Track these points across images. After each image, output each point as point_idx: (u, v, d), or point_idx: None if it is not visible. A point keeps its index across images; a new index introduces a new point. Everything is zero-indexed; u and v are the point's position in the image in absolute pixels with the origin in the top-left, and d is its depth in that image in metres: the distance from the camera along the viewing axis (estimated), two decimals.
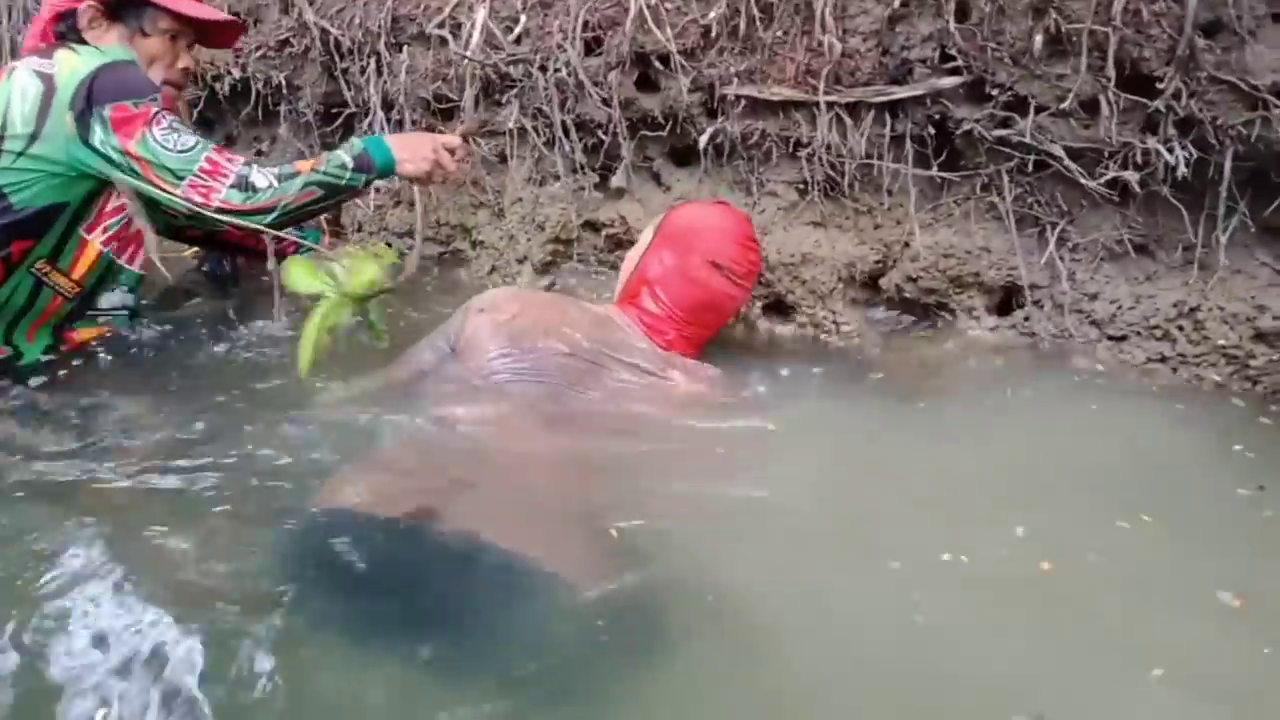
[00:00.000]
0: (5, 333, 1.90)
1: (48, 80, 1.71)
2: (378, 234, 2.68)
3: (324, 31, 2.62)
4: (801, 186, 2.23)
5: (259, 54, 2.79)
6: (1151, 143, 1.84)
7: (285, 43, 2.75)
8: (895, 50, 2.02)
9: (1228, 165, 1.79)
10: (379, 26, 2.54)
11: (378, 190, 2.68)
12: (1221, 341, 1.91)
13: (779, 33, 2.13)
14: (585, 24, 2.27)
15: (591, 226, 2.48)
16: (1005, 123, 1.97)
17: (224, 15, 2.05)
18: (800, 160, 2.19)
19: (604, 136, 2.36)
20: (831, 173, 2.17)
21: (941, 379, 2.09)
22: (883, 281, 2.20)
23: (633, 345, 1.88)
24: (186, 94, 2.93)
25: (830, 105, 2.08)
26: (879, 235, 2.20)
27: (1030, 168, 1.98)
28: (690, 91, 2.24)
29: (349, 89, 2.65)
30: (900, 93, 2.02)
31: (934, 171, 2.07)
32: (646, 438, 1.75)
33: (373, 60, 2.57)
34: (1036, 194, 2.03)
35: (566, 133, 2.37)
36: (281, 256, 2.47)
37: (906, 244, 2.15)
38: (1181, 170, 1.80)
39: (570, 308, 1.89)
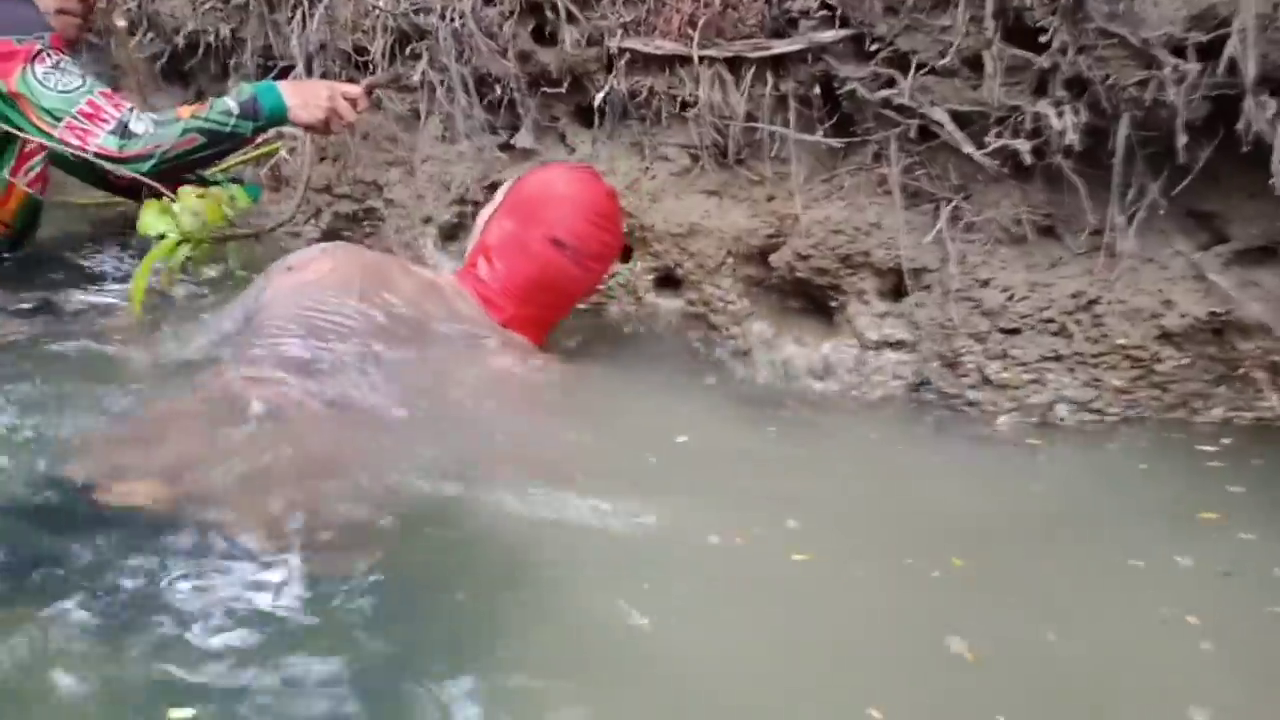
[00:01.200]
0: None
1: None
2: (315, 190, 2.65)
3: None
4: (693, 151, 2.06)
5: (206, 6, 2.80)
6: (1042, 106, 1.59)
7: None
8: (777, 1, 1.82)
9: (1122, 134, 1.53)
10: None
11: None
12: (1122, 340, 1.65)
13: None
14: None
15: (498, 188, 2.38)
16: (890, 82, 1.75)
17: None
18: (689, 122, 2.02)
19: (505, 93, 2.25)
20: (717, 136, 1.99)
21: (804, 382, 1.91)
22: (773, 258, 2.01)
23: (461, 315, 1.75)
24: (142, 48, 2.98)
25: (709, 60, 1.91)
26: (771, 208, 2.02)
27: (916, 135, 1.76)
28: (586, 45, 2.10)
29: (279, 41, 2.62)
30: (779, 47, 1.83)
31: (818, 137, 1.87)
32: (435, 424, 1.59)
33: (298, 11, 2.53)
34: (928, 165, 1.80)
35: (466, 88, 2.27)
36: None
37: (797, 218, 1.96)
38: (1070, 138, 1.56)
39: (394, 270, 1.76)
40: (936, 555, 1.23)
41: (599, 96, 2.11)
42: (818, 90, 1.86)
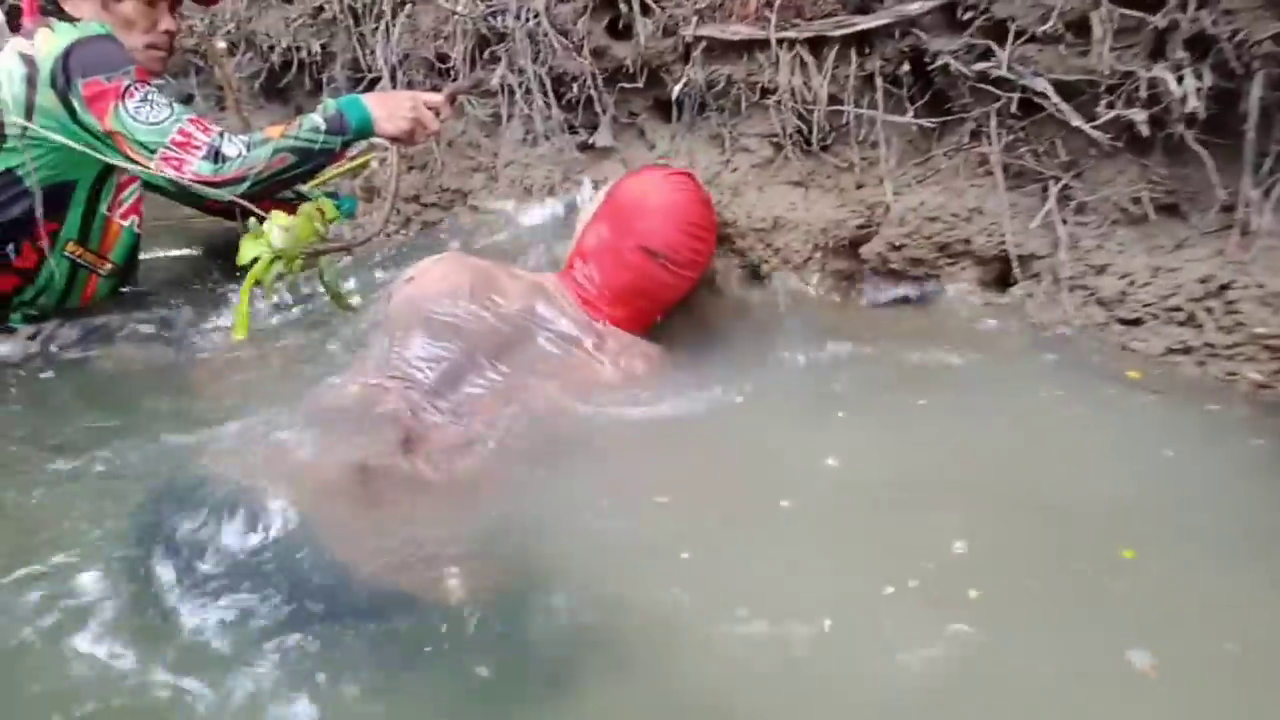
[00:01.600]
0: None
1: (29, 62, 1.78)
2: (404, 200, 2.68)
3: None
4: (776, 140, 1.96)
5: (299, 22, 2.86)
6: (1159, 71, 1.43)
7: (320, 9, 2.80)
8: None
9: (1255, 96, 1.36)
10: None
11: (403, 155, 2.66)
12: (1260, 329, 1.47)
13: None
14: None
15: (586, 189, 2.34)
16: (986, 54, 1.61)
17: None
18: (770, 110, 1.92)
19: (582, 91, 2.20)
20: (800, 123, 1.89)
21: (921, 366, 1.77)
22: (864, 250, 1.89)
23: (563, 315, 1.73)
24: (241, 68, 3.08)
25: (789, 43, 1.80)
26: (860, 196, 1.90)
27: (1019, 109, 1.61)
28: (662, 36, 2.03)
29: (365, 53, 2.66)
30: (864, 23, 1.71)
31: (909, 118, 1.74)
32: (558, 435, 1.58)
33: (381, 22, 2.56)
34: (1033, 142, 1.65)
35: (544, 88, 2.23)
36: None
37: (889, 206, 1.84)
38: (1194, 104, 1.39)
39: (501, 274, 1.76)
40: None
41: (676, 89, 2.04)
42: (907, 67, 1.73)
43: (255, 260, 1.90)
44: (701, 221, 1.77)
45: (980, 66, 1.60)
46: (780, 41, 1.81)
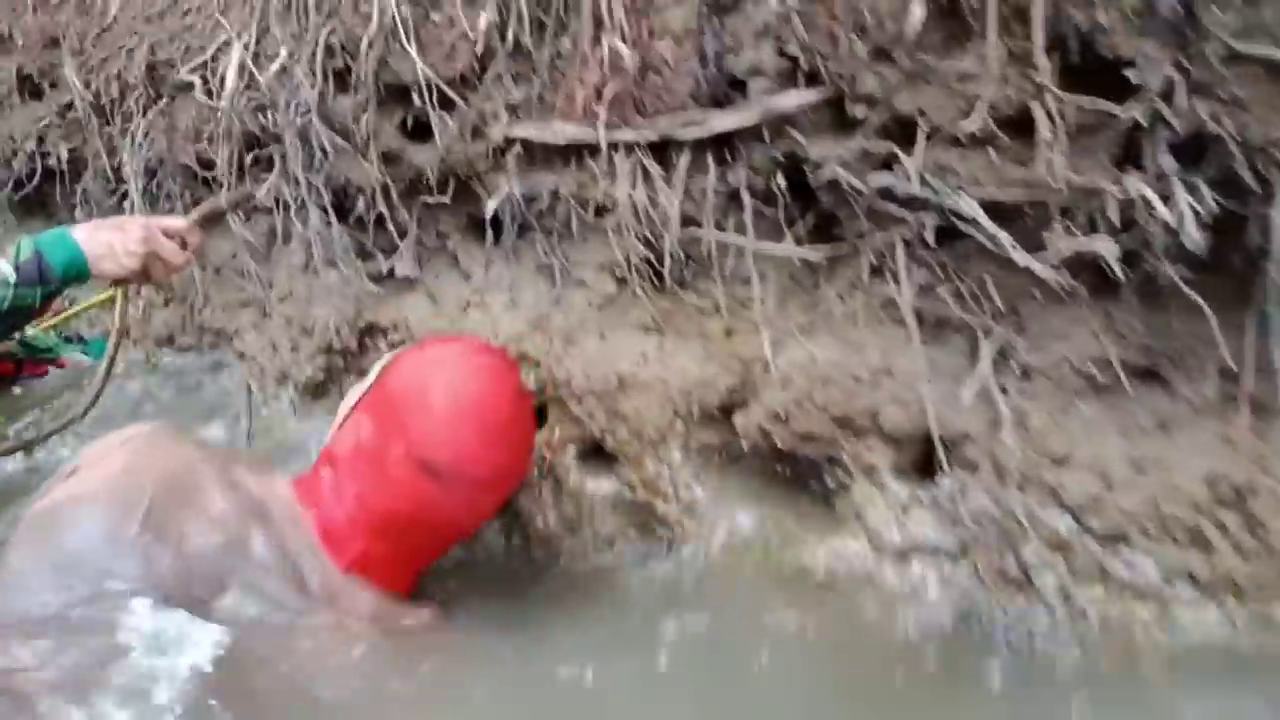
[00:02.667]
0: None
1: None
2: (141, 341, 2.07)
3: (87, 85, 2.08)
4: (619, 273, 1.46)
5: (44, 122, 2.28)
6: (1134, 183, 0.99)
7: (69, 106, 2.24)
8: (713, 56, 1.25)
9: (1278, 221, 0.92)
10: (135, 77, 1.98)
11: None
12: None
13: (566, 43, 1.41)
14: (329, 48, 1.62)
15: (378, 331, 1.78)
16: (888, 162, 1.16)
17: None
18: (608, 233, 1.43)
19: (373, 207, 1.68)
20: (648, 251, 1.39)
21: (807, 612, 1.27)
22: (739, 420, 1.39)
23: (290, 559, 1.14)
24: None
25: (626, 148, 1.33)
26: (731, 347, 1.41)
27: (935, 237, 1.16)
28: (470, 138, 1.53)
29: (113, 160, 2.09)
30: (721, 121, 1.25)
31: (788, 246, 1.27)
32: None
33: (132, 121, 2.00)
34: (957, 279, 1.19)
35: (322, 203, 1.70)
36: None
37: (768, 363, 1.34)
38: (1192, 234, 0.95)
39: (209, 481, 1.16)
40: None
41: (490, 204, 1.53)
42: (782, 180, 1.26)
43: None
44: (508, 424, 1.25)
45: (880, 180, 1.15)
46: (614, 145, 1.34)
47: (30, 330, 1.99)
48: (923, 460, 1.28)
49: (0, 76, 2.41)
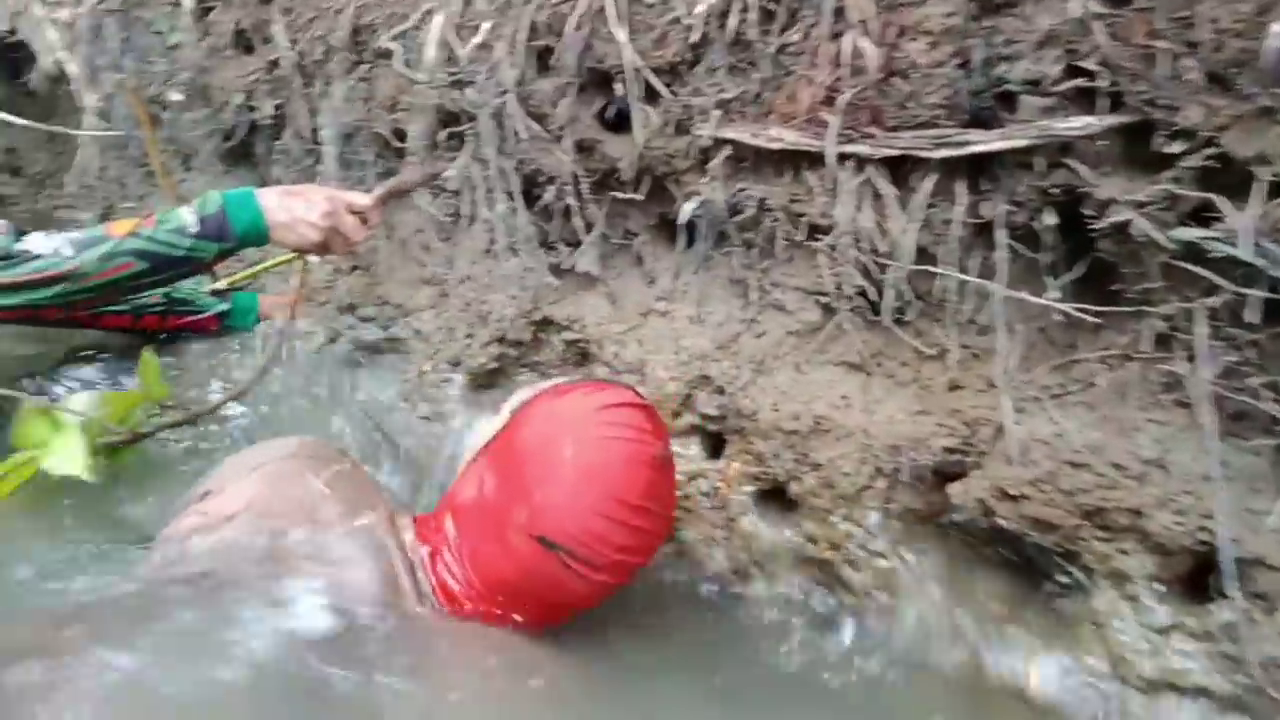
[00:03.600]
0: None
1: None
2: (323, 306, 2.07)
3: (293, 44, 2.07)
4: (826, 300, 1.28)
5: (253, 77, 2.31)
6: None
7: (275, 63, 2.25)
8: (980, 64, 1.03)
9: None
10: (339, 40, 1.94)
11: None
12: None
13: (795, 36, 1.22)
14: (533, 26, 1.50)
15: (553, 327, 1.68)
16: (1202, 213, 0.91)
17: None
18: (820, 256, 1.25)
19: (561, 197, 1.56)
20: (864, 282, 1.20)
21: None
22: (955, 490, 1.18)
23: (402, 606, 1.06)
24: (193, 123, 2.55)
25: (857, 162, 1.13)
26: (954, 402, 1.20)
27: (1262, 311, 0.91)
28: (673, 133, 1.38)
29: (311, 118, 2.08)
30: (984, 142, 1.03)
31: (1050, 300, 1.05)
32: None
33: (331, 85, 1.98)
34: (1273, 370, 0.94)
35: (509, 189, 1.60)
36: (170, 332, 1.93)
37: (1001, 429, 1.13)
38: None
39: (333, 520, 1.08)
40: None
41: (686, 209, 1.38)
42: (1053, 219, 1.03)
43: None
44: (643, 501, 1.08)
45: (1189, 234, 0.90)
46: (844, 158, 1.14)
47: (186, 285, 2.00)
48: (1193, 577, 1.03)
49: (219, 29, 2.45)
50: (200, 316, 1.91)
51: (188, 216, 1.45)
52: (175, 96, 2.64)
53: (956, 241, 1.10)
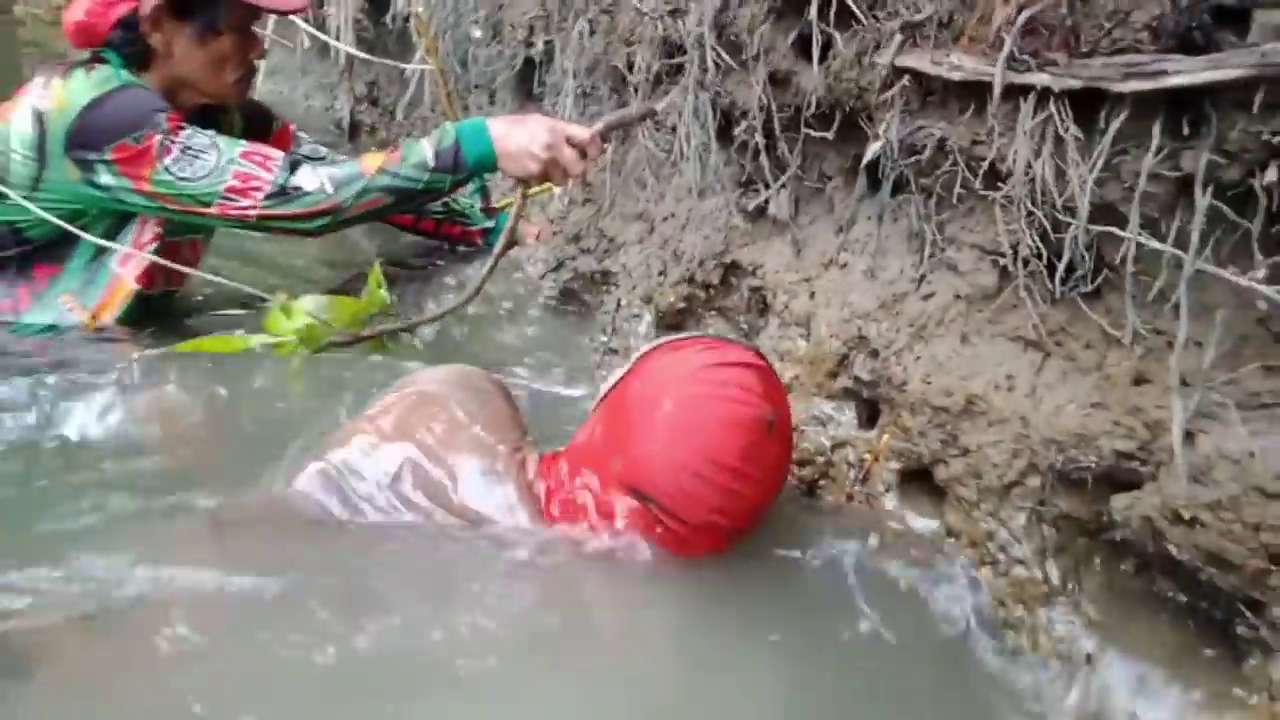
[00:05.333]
0: None
1: (40, 121, 1.52)
2: (556, 235, 2.17)
3: None
4: (1003, 261, 1.11)
5: (531, 15, 2.46)
6: None
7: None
8: None
9: None
10: None
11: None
12: None
13: None
14: None
15: (740, 271, 1.63)
16: None
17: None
18: (996, 207, 1.08)
19: (753, 134, 1.50)
20: (1043, 245, 1.02)
21: None
22: (1119, 504, 0.98)
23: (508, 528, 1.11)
24: (489, 58, 2.77)
25: (1038, 95, 0.95)
26: (1136, 399, 0.99)
27: None
28: (866, 64, 1.26)
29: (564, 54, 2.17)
30: (1188, 71, 0.82)
31: (1251, 280, 0.82)
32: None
33: (579, 20, 2.05)
34: None
35: (703, 123, 1.56)
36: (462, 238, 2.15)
37: (1190, 436, 0.92)
38: None
39: (466, 450, 1.14)
40: None
41: (870, 149, 1.25)
42: (1274, 175, 0.80)
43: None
44: (739, 462, 1.02)
45: None
46: (1024, 91, 0.97)
47: (464, 199, 2.18)
48: None
49: None
50: (471, 229, 2.12)
51: (427, 150, 1.58)
52: (476, 33, 2.88)
53: (1149, 199, 0.89)
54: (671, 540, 1.05)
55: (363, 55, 3.29)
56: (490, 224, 2.10)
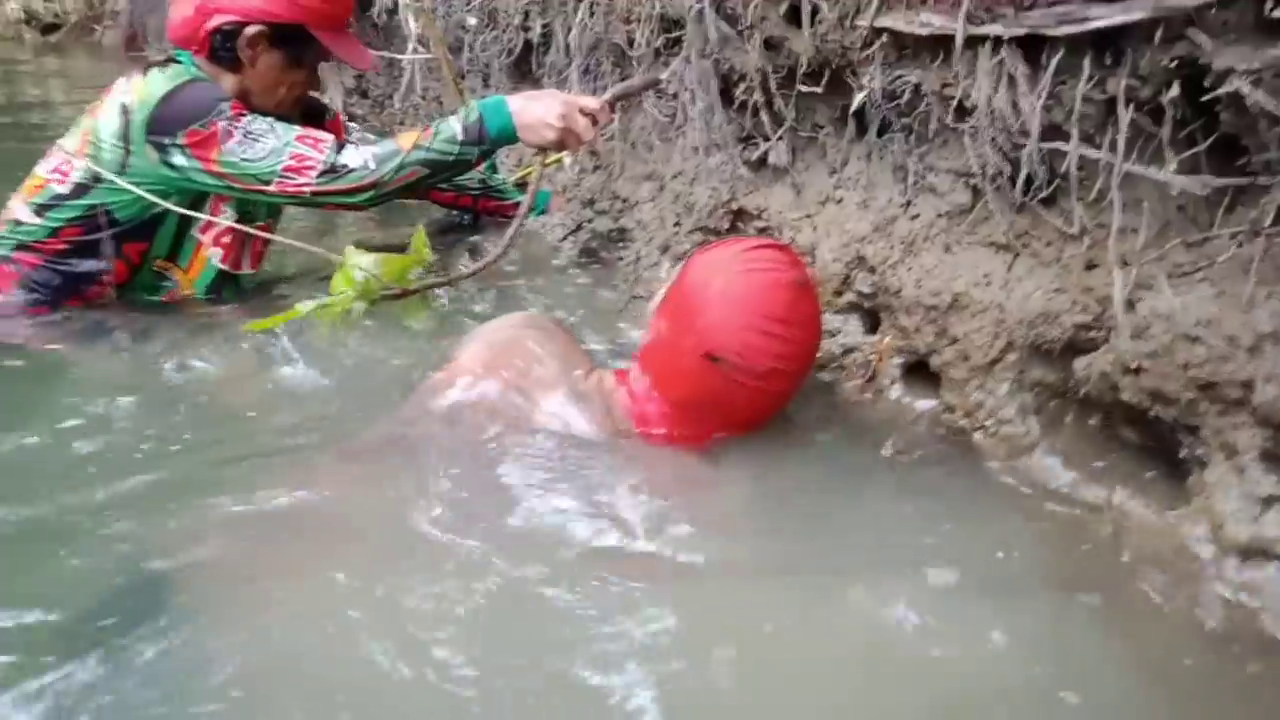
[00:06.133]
0: None
1: (124, 113, 1.72)
2: (570, 201, 2.39)
3: None
4: (975, 183, 1.35)
5: (527, 2, 2.66)
6: None
7: None
8: None
9: None
10: None
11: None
12: None
13: None
14: None
15: (747, 215, 1.87)
16: None
17: (370, 58, 1.95)
18: (965, 138, 1.32)
19: (751, 94, 1.73)
20: (1006, 163, 1.26)
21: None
22: (1080, 364, 1.24)
23: (594, 429, 1.34)
24: (483, 44, 2.96)
25: (992, 43, 1.19)
26: (1089, 281, 1.24)
27: None
28: (851, 26, 1.49)
29: (566, 35, 2.38)
30: (1104, 17, 1.06)
31: (1169, 174, 1.07)
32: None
33: (578, 2, 2.25)
34: None
35: (706, 87, 1.78)
36: (482, 213, 2.37)
37: (1131, 304, 1.17)
38: None
39: (551, 378, 1.37)
40: None
41: (856, 99, 1.49)
42: (1175, 91, 1.04)
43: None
44: (786, 314, 1.25)
45: None
46: (981, 40, 1.20)
47: (499, 176, 2.40)
48: None
49: None
50: (506, 203, 2.33)
51: (455, 126, 1.79)
52: (471, 21, 3.08)
53: (1085, 118, 1.13)
54: (745, 394, 1.28)
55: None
56: (522, 198, 2.32)
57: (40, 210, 1.77)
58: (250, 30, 1.74)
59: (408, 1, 3.22)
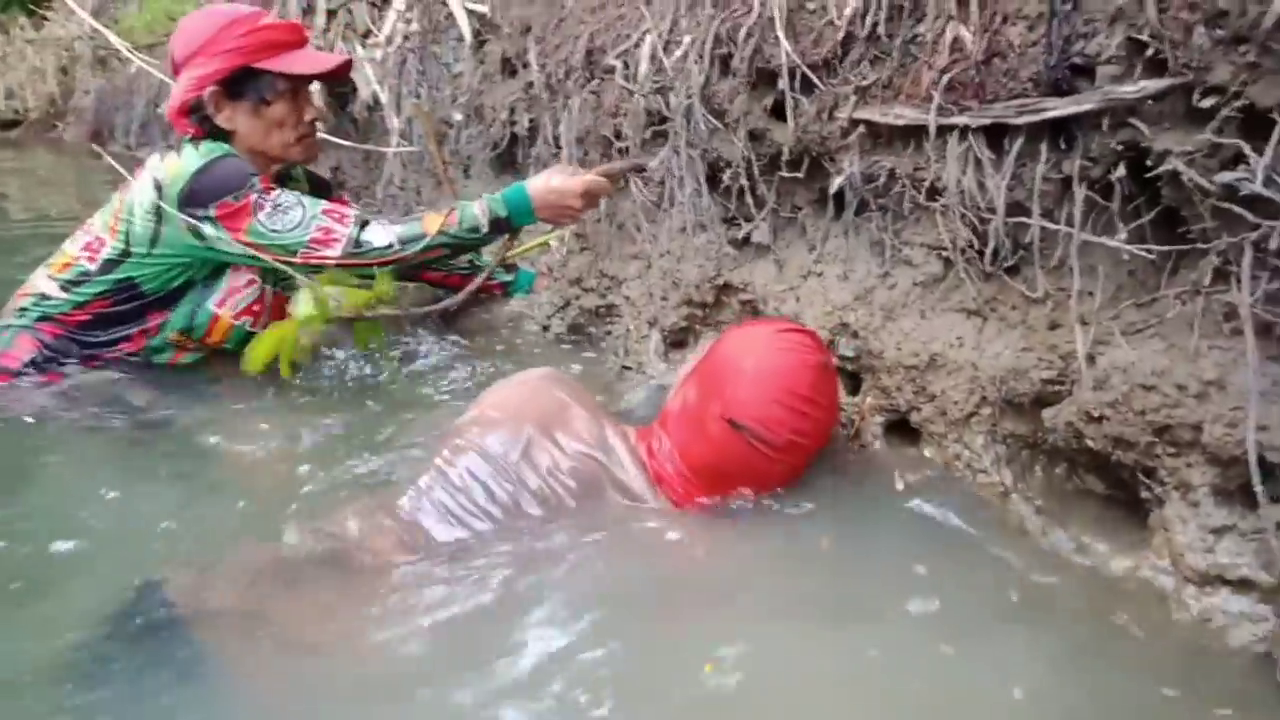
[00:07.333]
0: None
1: (158, 188, 1.80)
2: (558, 281, 2.52)
3: (542, 67, 2.56)
4: (945, 254, 1.50)
5: (514, 97, 2.84)
6: None
7: (530, 85, 2.76)
8: (1060, 42, 1.23)
9: None
10: (577, 61, 2.40)
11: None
12: None
13: (922, 29, 1.46)
14: (716, 38, 1.84)
15: (732, 290, 2.00)
16: (1237, 159, 1.07)
17: (334, 59, 2.05)
18: (938, 215, 1.47)
19: (737, 179, 1.88)
20: (974, 236, 1.42)
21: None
22: (1048, 415, 1.37)
23: (630, 490, 1.42)
24: (469, 137, 3.12)
25: (960, 131, 1.36)
26: (1053, 340, 1.38)
27: None
28: (828, 119, 1.66)
29: (554, 128, 2.55)
30: (1058, 108, 1.23)
31: (1119, 241, 1.22)
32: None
33: (570, 99, 2.43)
34: None
35: (695, 174, 1.94)
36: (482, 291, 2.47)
37: (1091, 359, 1.31)
38: None
39: (577, 427, 1.45)
40: None
41: (835, 182, 1.65)
42: (1122, 171, 1.21)
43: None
44: (810, 393, 1.38)
45: (1225, 177, 1.06)
46: (950, 129, 1.37)
47: (487, 257, 2.52)
48: (1245, 488, 1.16)
49: (491, 58, 3.02)
50: (493, 282, 2.45)
51: (481, 219, 1.91)
52: (457, 116, 3.26)
53: (1043, 195, 1.29)
54: (762, 462, 1.37)
55: (346, 143, 3.60)
56: (509, 278, 2.44)
57: (67, 286, 1.84)
58: (205, 93, 1.83)
59: (390, 99, 3.39)
